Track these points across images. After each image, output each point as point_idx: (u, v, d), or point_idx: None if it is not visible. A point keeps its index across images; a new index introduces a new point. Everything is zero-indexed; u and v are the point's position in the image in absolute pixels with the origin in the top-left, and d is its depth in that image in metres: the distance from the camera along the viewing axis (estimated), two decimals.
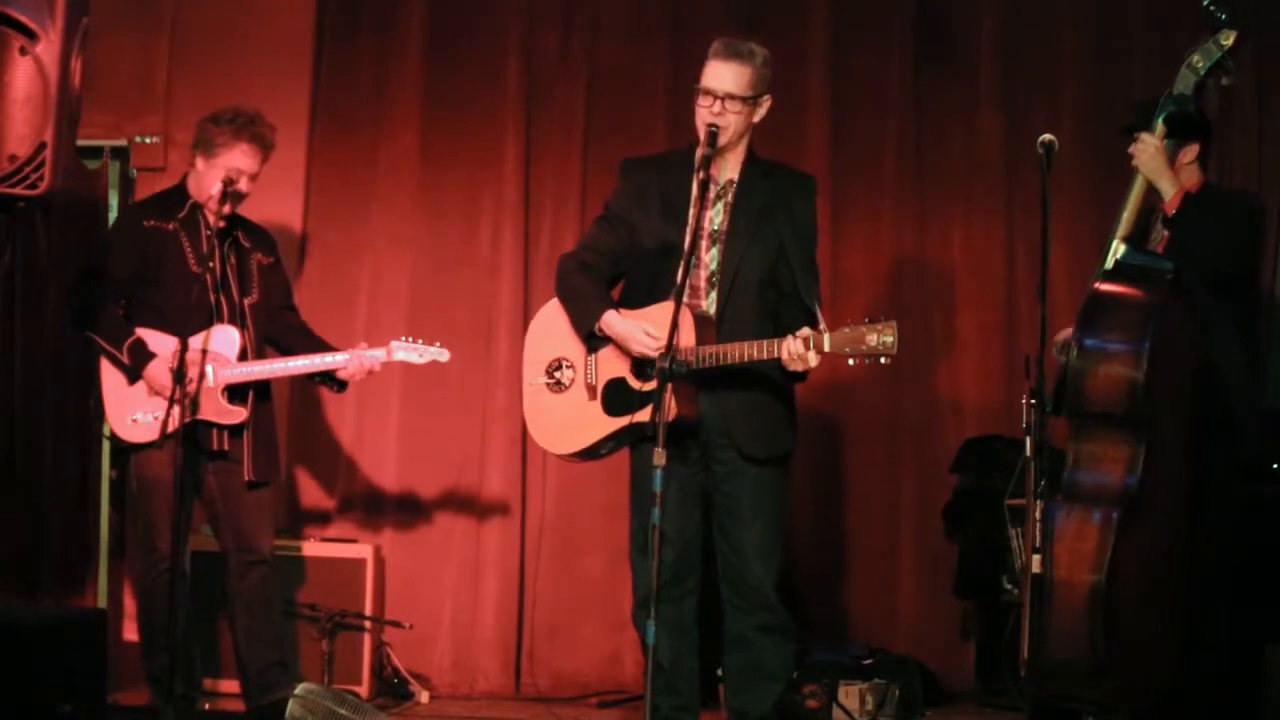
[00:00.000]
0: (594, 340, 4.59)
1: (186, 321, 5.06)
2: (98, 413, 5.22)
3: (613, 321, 4.53)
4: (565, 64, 6.42)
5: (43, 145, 4.22)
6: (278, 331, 5.35)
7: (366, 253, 6.39)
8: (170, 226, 5.18)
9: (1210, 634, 4.54)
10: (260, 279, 5.31)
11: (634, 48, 6.38)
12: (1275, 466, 5.13)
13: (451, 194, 6.42)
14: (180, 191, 5.28)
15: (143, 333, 5.11)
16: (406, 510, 6.30)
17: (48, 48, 4.23)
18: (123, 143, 6.26)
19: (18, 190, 4.24)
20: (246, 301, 5.25)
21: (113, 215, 6.21)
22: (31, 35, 4.22)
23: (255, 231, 5.39)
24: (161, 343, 5.09)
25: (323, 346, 5.34)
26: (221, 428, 5.14)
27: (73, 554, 6.08)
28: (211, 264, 5.15)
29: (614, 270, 4.71)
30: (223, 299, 5.19)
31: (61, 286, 5.93)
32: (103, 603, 6.14)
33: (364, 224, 6.40)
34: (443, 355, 5.33)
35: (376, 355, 5.25)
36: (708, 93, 4.51)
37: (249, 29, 6.35)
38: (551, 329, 4.71)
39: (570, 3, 6.43)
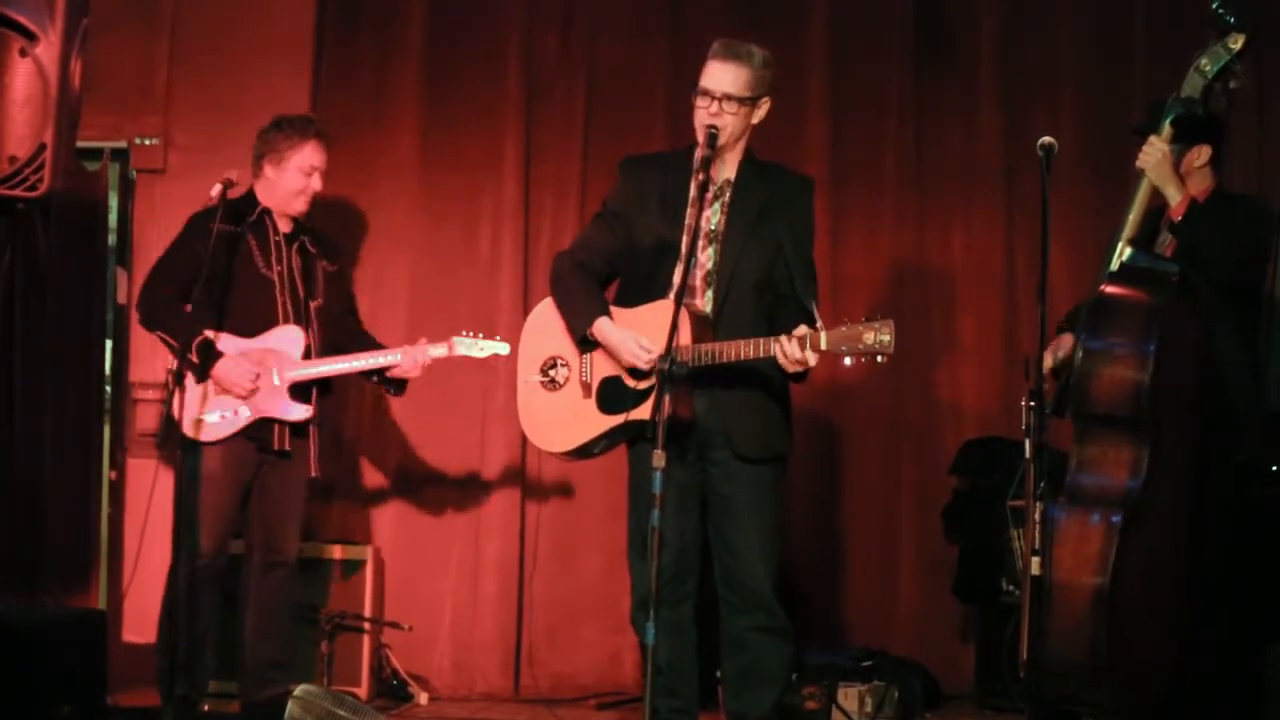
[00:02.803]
0: (588, 342, 4.60)
1: (252, 322, 5.16)
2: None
3: (605, 329, 4.52)
4: (565, 64, 6.41)
5: (42, 146, 4.22)
6: (339, 337, 5.37)
7: (366, 253, 6.39)
8: (238, 229, 5.23)
9: (1210, 636, 4.53)
10: (325, 284, 5.37)
11: (634, 48, 6.38)
12: (1275, 469, 5.13)
13: (451, 195, 6.42)
14: (250, 199, 5.33)
15: (213, 333, 5.14)
16: (406, 511, 6.30)
17: (47, 49, 4.22)
18: (123, 144, 6.26)
19: (17, 192, 4.23)
20: (312, 305, 5.31)
21: (113, 216, 6.24)
22: (31, 37, 4.21)
23: (323, 240, 5.48)
24: (231, 344, 5.15)
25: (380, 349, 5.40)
26: (284, 425, 5.18)
27: (73, 554, 6.08)
28: (279, 267, 5.24)
29: (609, 269, 4.71)
30: (288, 300, 5.25)
31: (61, 287, 5.93)
32: (103, 603, 6.14)
33: (364, 224, 6.40)
34: (503, 348, 5.36)
35: (436, 351, 5.29)
36: (705, 93, 4.51)
37: (249, 29, 6.35)
38: (547, 327, 4.71)
39: (570, 3, 6.43)
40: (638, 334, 4.45)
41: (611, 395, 4.55)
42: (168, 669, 4.95)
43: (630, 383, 4.54)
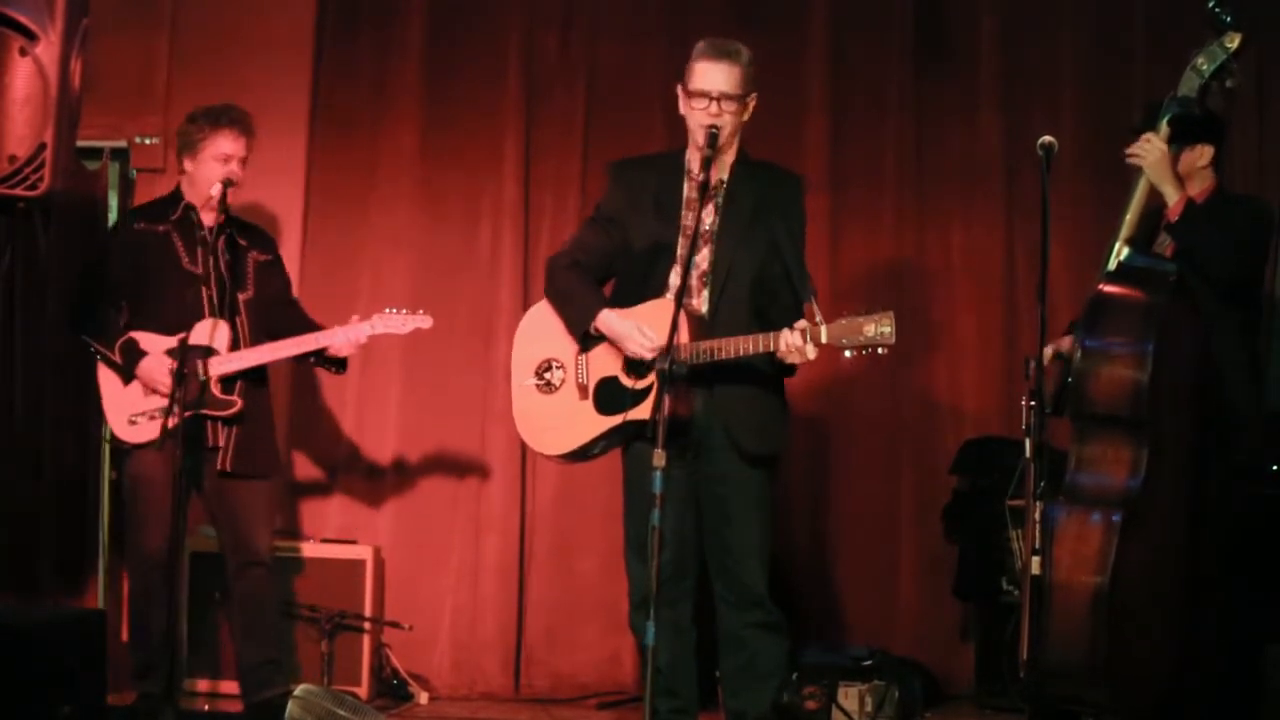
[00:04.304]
0: (588, 339, 4.58)
1: (180, 319, 5.12)
2: (98, 415, 5.24)
3: (609, 320, 4.52)
4: (565, 64, 6.41)
5: (42, 146, 4.22)
6: (280, 325, 5.36)
7: (366, 253, 6.39)
8: (161, 229, 5.25)
9: (1210, 635, 4.53)
10: (256, 275, 5.35)
11: (634, 49, 6.38)
12: (1275, 468, 5.13)
13: (451, 194, 6.42)
14: (174, 196, 5.34)
15: (137, 334, 5.16)
16: (406, 511, 6.29)
17: (48, 49, 4.22)
18: (122, 143, 6.26)
19: (17, 191, 4.24)
20: (241, 297, 5.29)
21: (113, 216, 6.22)
22: (31, 36, 4.21)
23: (252, 231, 5.45)
24: (154, 342, 5.13)
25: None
26: (216, 421, 5.17)
27: (73, 554, 6.08)
28: (205, 262, 5.20)
29: (604, 271, 4.71)
30: (214, 295, 5.23)
31: (62, 287, 5.93)
32: (103, 603, 6.14)
33: (364, 224, 6.40)
34: (425, 322, 5.32)
35: (360, 329, 5.24)
36: (702, 94, 4.51)
37: (249, 29, 6.35)
38: (540, 330, 4.70)
39: (570, 3, 6.43)
40: (642, 323, 4.45)
41: (609, 396, 4.55)
42: (148, 667, 5.04)
43: (628, 382, 4.53)
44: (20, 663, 4.27)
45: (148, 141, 6.26)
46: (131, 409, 5.14)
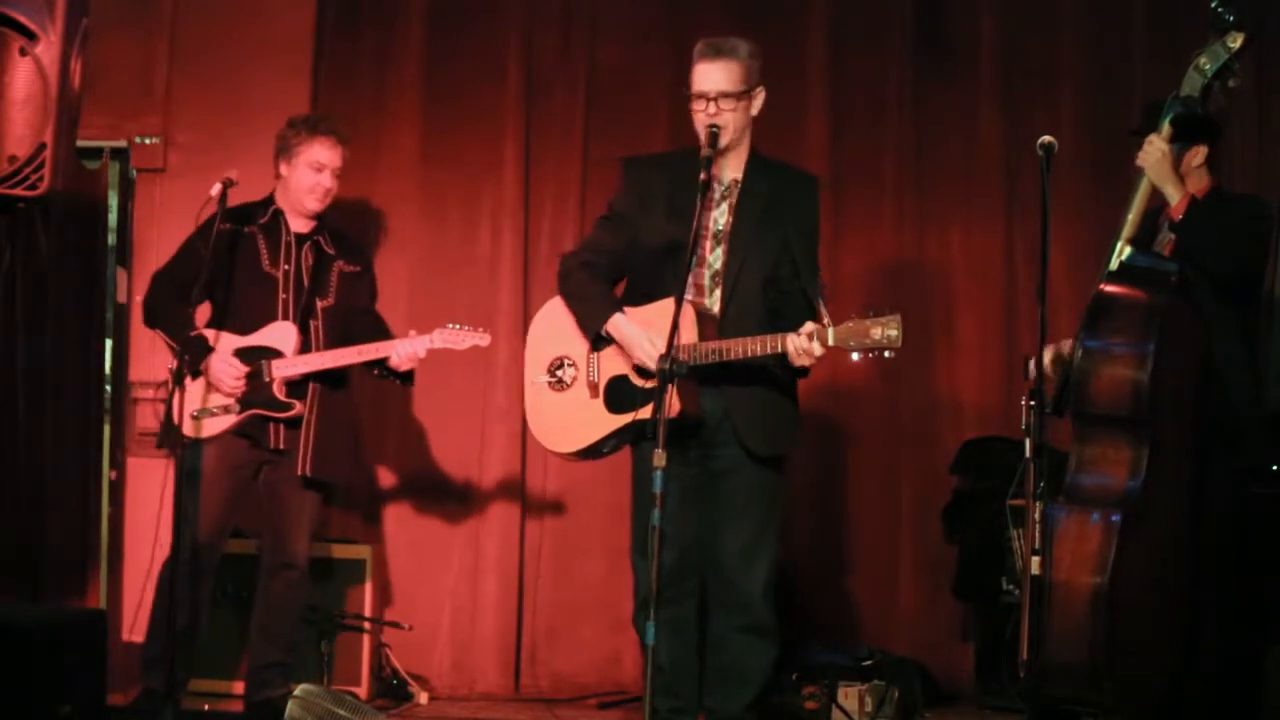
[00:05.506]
0: (599, 340, 4.59)
1: (253, 320, 5.17)
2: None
3: (620, 325, 4.53)
4: (565, 64, 6.42)
5: (42, 146, 4.23)
6: (354, 334, 5.36)
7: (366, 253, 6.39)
8: (247, 230, 5.25)
9: (1210, 636, 4.53)
10: (339, 284, 5.36)
11: (634, 48, 6.39)
12: (1275, 469, 5.13)
13: (451, 194, 6.42)
14: (268, 200, 5.36)
15: (209, 331, 5.18)
16: (406, 511, 6.30)
17: (47, 48, 4.23)
18: (122, 143, 6.26)
19: (17, 191, 4.25)
20: (320, 303, 5.31)
21: (113, 216, 6.24)
22: (31, 36, 4.22)
23: (344, 240, 5.48)
24: (227, 341, 5.17)
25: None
26: (278, 423, 5.18)
27: (73, 554, 6.07)
28: (286, 266, 5.24)
29: (616, 270, 4.72)
30: (290, 298, 5.25)
31: (61, 287, 5.94)
32: (103, 603, 6.14)
33: (364, 225, 6.40)
34: (484, 339, 5.32)
35: (420, 342, 5.25)
36: (700, 95, 4.51)
37: (249, 29, 6.35)
38: (553, 327, 4.71)
39: (570, 3, 6.44)
40: (650, 333, 4.45)
41: (619, 394, 4.56)
42: (149, 659, 5.06)
43: (638, 381, 4.54)
44: (20, 663, 4.27)
45: (148, 141, 6.26)
46: (195, 403, 5.14)
